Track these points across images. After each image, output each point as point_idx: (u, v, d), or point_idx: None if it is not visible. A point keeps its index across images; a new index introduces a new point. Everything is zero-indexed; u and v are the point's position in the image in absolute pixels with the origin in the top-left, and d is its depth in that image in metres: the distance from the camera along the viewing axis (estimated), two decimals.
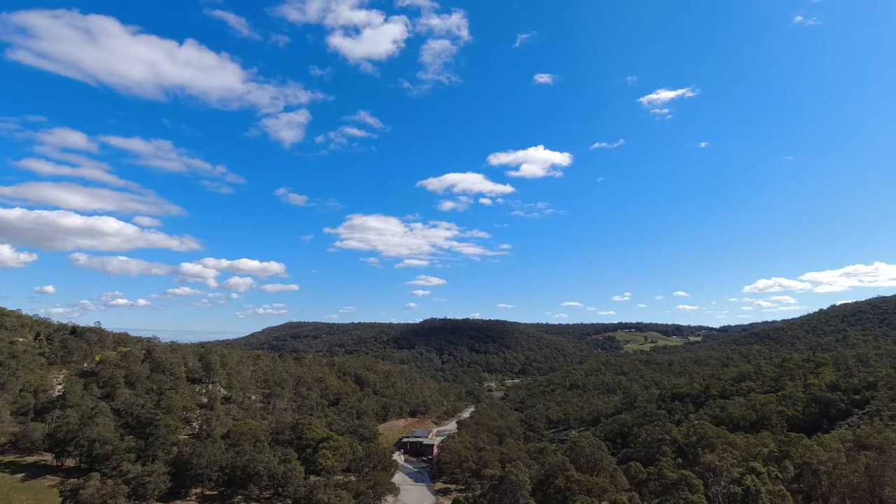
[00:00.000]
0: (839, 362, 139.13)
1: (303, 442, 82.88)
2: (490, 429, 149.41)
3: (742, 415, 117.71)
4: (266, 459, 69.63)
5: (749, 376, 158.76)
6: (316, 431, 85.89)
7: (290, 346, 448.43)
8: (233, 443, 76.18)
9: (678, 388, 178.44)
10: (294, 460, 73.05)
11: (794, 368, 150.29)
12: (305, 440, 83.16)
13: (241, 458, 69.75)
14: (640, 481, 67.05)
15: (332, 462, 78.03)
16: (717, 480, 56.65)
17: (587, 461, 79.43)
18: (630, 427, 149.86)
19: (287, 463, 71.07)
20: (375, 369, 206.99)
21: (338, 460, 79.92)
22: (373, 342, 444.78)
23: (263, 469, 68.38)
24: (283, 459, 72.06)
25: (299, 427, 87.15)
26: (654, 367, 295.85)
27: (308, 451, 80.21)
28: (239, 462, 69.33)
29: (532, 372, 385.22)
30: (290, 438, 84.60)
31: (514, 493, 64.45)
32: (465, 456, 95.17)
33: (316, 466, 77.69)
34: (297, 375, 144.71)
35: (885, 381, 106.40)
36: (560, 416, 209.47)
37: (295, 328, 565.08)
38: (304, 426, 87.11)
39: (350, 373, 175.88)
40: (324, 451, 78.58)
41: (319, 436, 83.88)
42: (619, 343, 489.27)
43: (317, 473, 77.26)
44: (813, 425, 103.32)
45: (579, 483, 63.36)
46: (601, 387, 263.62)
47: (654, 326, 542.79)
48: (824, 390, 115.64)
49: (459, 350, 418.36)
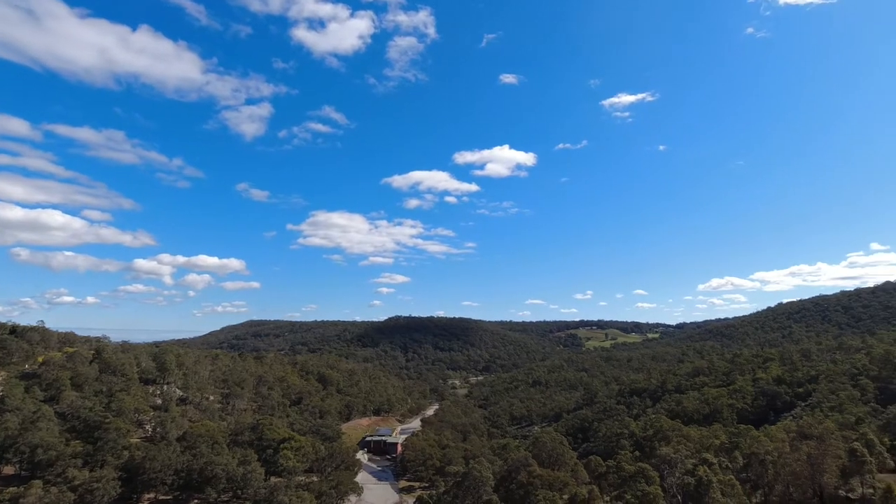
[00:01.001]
0: (785, 357, 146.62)
1: (263, 443, 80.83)
2: (454, 426, 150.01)
3: (696, 408, 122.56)
4: (224, 461, 67.55)
5: (703, 371, 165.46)
6: (277, 432, 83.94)
7: (250, 345, 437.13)
8: (189, 445, 73.54)
9: (636, 384, 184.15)
10: (254, 462, 71.21)
11: (744, 363, 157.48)
12: (266, 441, 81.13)
13: (197, 461, 67.41)
14: (600, 474, 68.71)
15: (293, 463, 76.47)
16: (672, 472, 58.67)
17: (549, 456, 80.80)
18: (591, 422, 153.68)
19: (247, 464, 69.21)
20: (339, 368, 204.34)
21: (300, 461, 78.38)
22: (336, 340, 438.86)
23: (221, 471, 66.32)
24: (242, 461, 70.12)
25: (260, 427, 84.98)
26: (614, 363, 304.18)
27: (269, 451, 78.28)
28: (195, 465, 67.00)
29: (496, 369, 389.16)
30: (250, 439, 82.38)
31: (478, 489, 64.88)
32: (429, 453, 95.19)
33: (277, 467, 75.97)
34: (257, 375, 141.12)
35: (825, 375, 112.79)
36: (523, 413, 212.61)
37: (256, 326, 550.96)
38: (264, 426, 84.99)
39: (313, 372, 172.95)
40: (285, 452, 76.90)
41: (281, 436, 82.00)
42: (580, 340, 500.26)
43: (278, 474, 75.58)
44: (761, 417, 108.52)
45: (541, 478, 64.39)
46: (563, 383, 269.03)
47: (614, 324, 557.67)
48: (771, 384, 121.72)
49: (424, 348, 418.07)
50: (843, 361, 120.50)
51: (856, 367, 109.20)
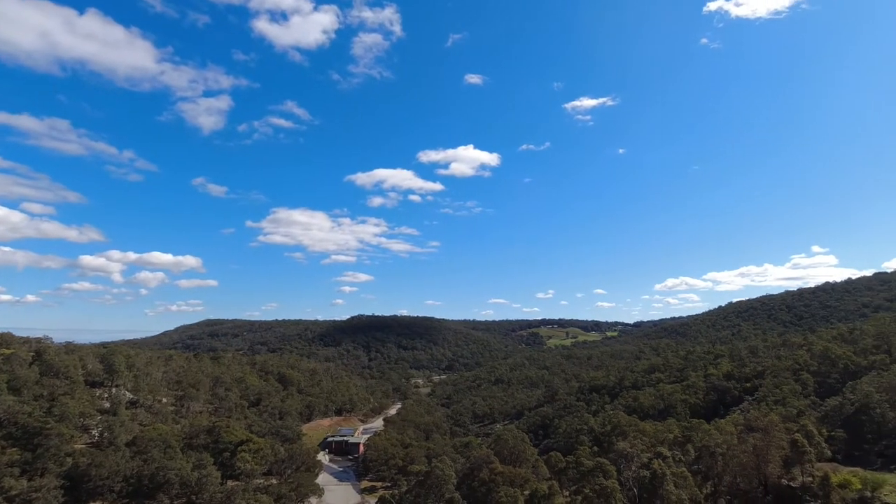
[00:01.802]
0: (734, 354, 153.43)
1: (220, 446, 78.27)
2: (417, 425, 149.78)
3: (651, 404, 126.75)
4: (178, 466, 64.94)
5: (658, 368, 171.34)
6: (234, 434, 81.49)
7: (206, 345, 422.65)
8: (139, 450, 70.39)
9: (596, 381, 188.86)
10: (210, 465, 68.75)
11: (696, 360, 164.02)
12: (223, 444, 78.60)
13: (148, 466, 64.57)
14: (560, 470, 70.08)
15: (251, 465, 74.39)
16: (628, 466, 60.43)
17: (511, 453, 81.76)
18: (551, 419, 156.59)
19: (202, 469, 66.74)
20: (300, 368, 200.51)
21: (258, 463, 76.32)
22: (298, 340, 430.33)
23: (175, 476, 63.71)
24: (197, 465, 67.59)
25: (216, 430, 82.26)
26: (574, 361, 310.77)
27: (226, 454, 75.87)
28: (146, 470, 64.14)
29: (459, 368, 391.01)
30: (206, 443, 79.59)
31: (440, 488, 64.94)
32: (392, 453, 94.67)
33: (234, 471, 73.70)
34: (214, 376, 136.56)
35: (770, 370, 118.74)
36: (486, 411, 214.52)
37: (213, 326, 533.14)
38: (221, 429, 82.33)
39: (273, 372, 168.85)
40: (243, 455, 74.70)
41: (238, 438, 79.63)
42: (542, 339, 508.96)
43: (235, 478, 73.36)
44: (711, 411, 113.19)
45: (502, 475, 65.10)
46: (525, 381, 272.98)
47: (575, 322, 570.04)
48: (721, 379, 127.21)
49: (387, 347, 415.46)
50: (786, 357, 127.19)
51: (798, 363, 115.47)
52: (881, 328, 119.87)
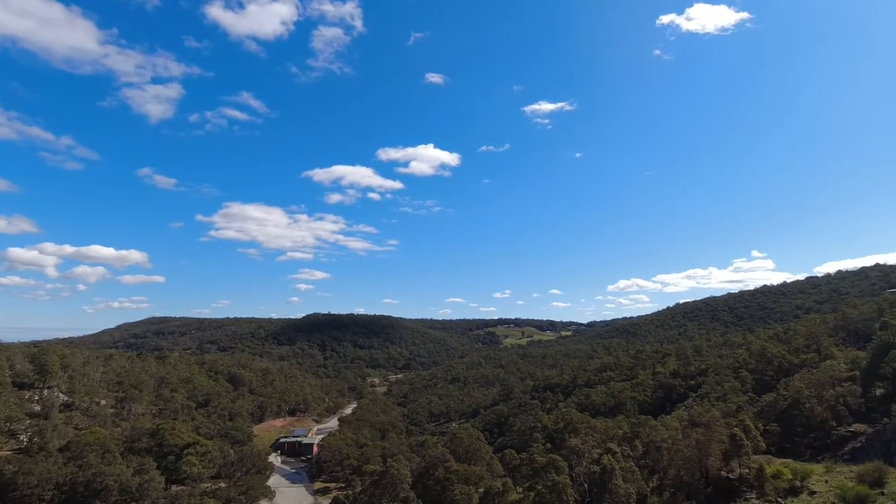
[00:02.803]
0: (680, 353, 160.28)
1: (164, 449, 74.82)
2: (373, 424, 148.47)
3: (603, 401, 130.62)
4: (117, 472, 61.59)
5: (610, 367, 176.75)
6: (180, 437, 78.10)
7: (151, 344, 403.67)
8: (74, 455, 66.29)
9: (550, 380, 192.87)
10: (152, 470, 65.57)
11: (645, 359, 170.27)
12: (167, 447, 75.18)
13: (84, 473, 60.89)
14: (514, 467, 71.09)
15: (198, 469, 71.50)
16: (579, 461, 61.97)
17: (466, 451, 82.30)
18: (506, 417, 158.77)
19: (143, 473, 63.57)
20: (252, 367, 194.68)
21: (205, 466, 73.46)
22: (250, 338, 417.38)
23: (113, 482, 60.37)
24: (138, 470, 64.33)
25: (160, 433, 78.57)
26: (529, 360, 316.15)
27: (170, 458, 72.61)
28: (81, 477, 60.47)
29: (416, 366, 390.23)
30: (149, 446, 75.93)
31: (395, 487, 64.54)
32: (347, 453, 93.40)
33: (180, 475, 70.61)
34: (159, 376, 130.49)
35: (713, 368, 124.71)
36: (442, 410, 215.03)
37: (158, 324, 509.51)
38: (165, 431, 78.70)
39: (223, 371, 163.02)
40: (189, 458, 71.66)
41: (184, 441, 76.37)
42: (498, 338, 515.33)
43: (181, 483, 70.33)
44: (658, 408, 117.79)
45: (457, 473, 65.40)
46: (481, 380, 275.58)
47: (530, 322, 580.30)
48: (668, 377, 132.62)
49: (343, 345, 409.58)
50: (727, 356, 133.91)
51: (738, 361, 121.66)
52: (811, 328, 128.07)
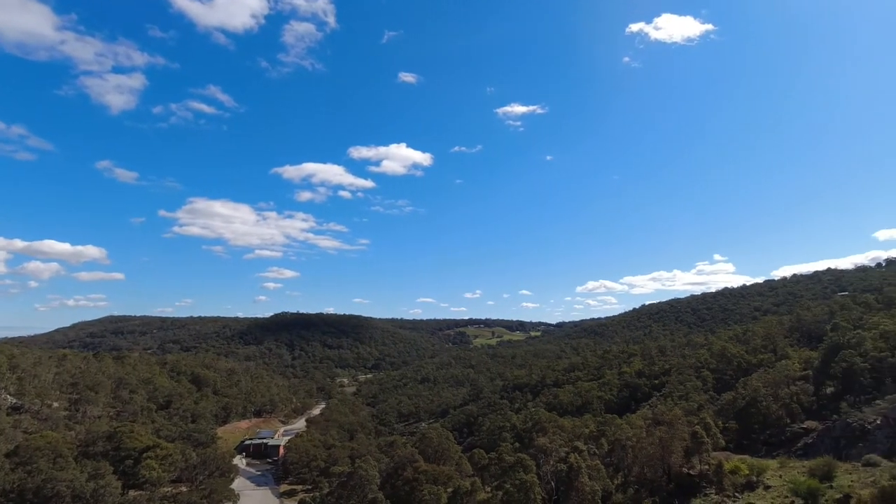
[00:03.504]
0: (645, 353, 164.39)
1: (122, 453, 71.88)
2: (341, 425, 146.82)
3: (570, 401, 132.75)
4: (69, 477, 58.81)
5: (577, 367, 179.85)
6: (139, 440, 75.24)
7: (109, 344, 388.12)
8: (22, 461, 62.91)
9: (519, 379, 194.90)
10: (108, 475, 62.88)
11: (612, 359, 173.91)
12: (125, 450, 72.27)
13: (33, 479, 57.88)
14: (483, 466, 71.35)
15: (158, 473, 69.02)
16: (547, 460, 62.69)
17: (435, 451, 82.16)
18: (476, 417, 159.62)
19: (99, 478, 60.91)
20: (217, 367, 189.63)
21: (166, 470, 70.96)
22: (215, 338, 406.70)
23: (66, 488, 57.65)
24: (93, 475, 61.59)
25: (118, 436, 75.51)
26: (499, 360, 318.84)
27: (128, 462, 69.79)
28: (30, 483, 57.47)
29: (386, 367, 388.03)
30: (105, 450, 72.82)
31: (363, 488, 63.88)
32: (314, 454, 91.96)
33: (138, 479, 67.99)
34: (117, 377, 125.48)
35: (676, 368, 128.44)
36: (411, 410, 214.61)
37: (117, 323, 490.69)
38: (123, 434, 75.70)
39: (185, 372, 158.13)
40: (148, 462, 69.11)
41: (143, 444, 73.60)
42: (469, 338, 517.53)
43: (139, 487, 67.72)
44: (624, 407, 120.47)
45: (426, 473, 65.17)
46: (451, 380, 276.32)
47: (500, 322, 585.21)
48: (634, 377, 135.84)
49: (312, 345, 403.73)
50: (690, 356, 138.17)
51: (699, 361, 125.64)
52: (768, 330, 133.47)
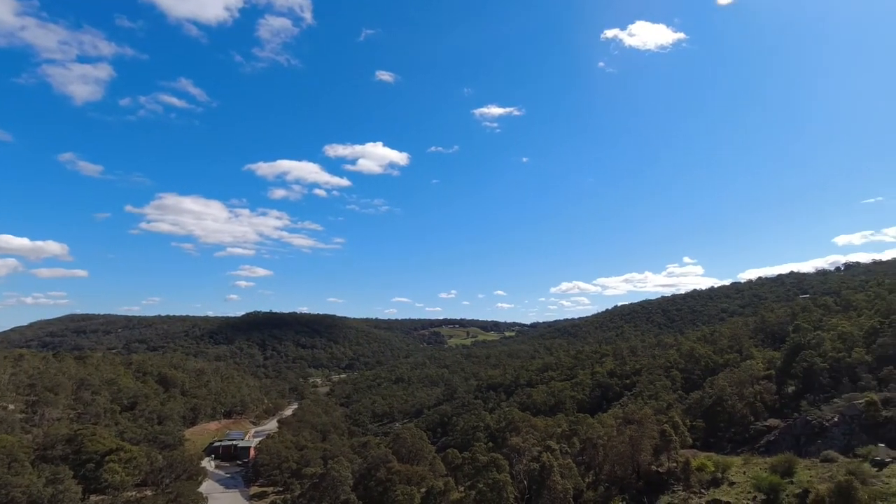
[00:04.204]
0: (617, 353, 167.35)
1: (82, 456, 69.36)
2: (314, 426, 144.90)
3: (544, 401, 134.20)
4: (26, 482, 56.47)
5: (551, 367, 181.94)
6: (101, 442, 72.71)
7: (70, 343, 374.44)
8: None
9: (493, 379, 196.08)
10: (68, 479, 60.63)
11: (585, 359, 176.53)
12: (87, 454, 69.74)
13: None
14: (456, 466, 71.48)
15: (121, 477, 66.87)
16: (520, 459, 63.22)
17: (409, 452, 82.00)
18: (450, 417, 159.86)
19: (57, 483, 58.67)
20: (185, 367, 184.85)
21: (129, 474, 68.82)
22: (184, 337, 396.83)
23: (21, 494, 55.31)
24: (51, 480, 59.30)
25: (78, 439, 72.80)
26: (473, 360, 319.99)
27: (89, 466, 67.42)
28: None
29: (360, 366, 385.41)
30: (65, 454, 70.13)
31: (336, 490, 63.25)
32: (286, 456, 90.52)
33: (100, 483, 65.75)
34: (78, 378, 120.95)
35: (646, 368, 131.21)
36: (385, 410, 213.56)
37: (80, 321, 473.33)
38: (84, 437, 73.02)
39: (152, 372, 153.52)
40: (111, 465, 66.87)
41: (106, 447, 71.16)
42: (443, 338, 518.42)
43: (101, 492, 65.54)
44: (596, 406, 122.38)
45: (399, 473, 65.02)
46: (425, 380, 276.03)
47: (475, 322, 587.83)
48: (605, 377, 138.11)
49: (285, 345, 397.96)
50: (660, 356, 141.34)
51: (669, 361, 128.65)
52: (734, 330, 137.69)
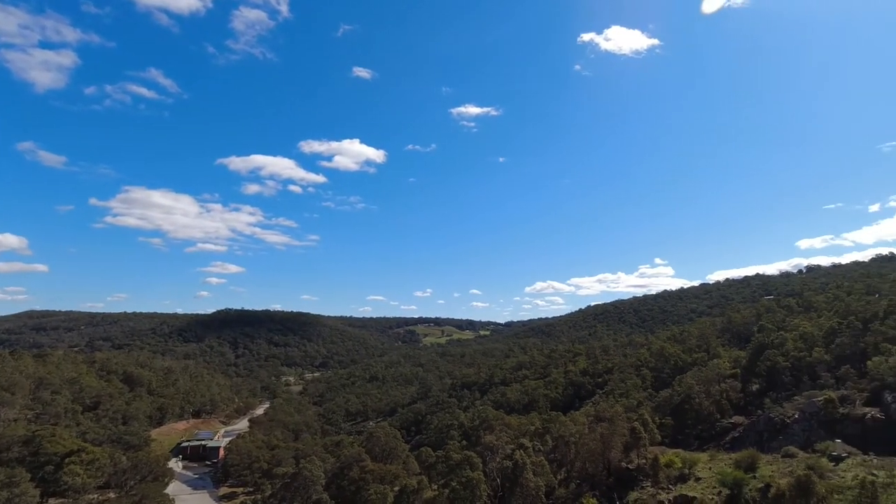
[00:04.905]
0: (590, 352, 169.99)
1: (41, 458, 66.71)
2: (286, 425, 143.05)
3: (517, 399, 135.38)
4: None
5: (525, 365, 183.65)
6: (61, 444, 70.07)
7: (29, 341, 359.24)
8: None
9: (468, 378, 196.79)
10: (25, 482, 58.20)
11: (558, 358, 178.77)
12: (45, 456, 67.11)
13: None
14: (430, 464, 71.38)
15: (83, 479, 64.52)
16: (493, 457, 63.52)
17: (382, 450, 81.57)
18: (424, 415, 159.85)
19: (13, 487, 56.27)
20: (152, 366, 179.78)
21: (91, 476, 66.46)
22: (151, 335, 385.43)
23: None
24: (6, 483, 56.83)
25: (36, 440, 70.00)
26: (448, 358, 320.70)
27: (48, 468, 64.89)
28: None
29: (334, 365, 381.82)
30: (21, 456, 67.32)
31: (307, 489, 62.47)
32: (256, 455, 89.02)
33: (60, 486, 63.34)
34: (37, 377, 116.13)
35: (618, 367, 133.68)
36: (359, 408, 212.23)
37: (39, 318, 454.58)
38: (43, 439, 70.25)
39: (117, 371, 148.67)
40: (71, 467, 64.47)
41: (66, 448, 68.62)
42: (418, 336, 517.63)
43: (60, 495, 63.16)
44: (568, 404, 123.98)
45: (373, 472, 64.59)
46: (400, 378, 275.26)
47: (450, 321, 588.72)
48: (578, 375, 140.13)
49: (257, 343, 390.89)
50: (631, 355, 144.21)
51: (639, 360, 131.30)
52: (703, 330, 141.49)
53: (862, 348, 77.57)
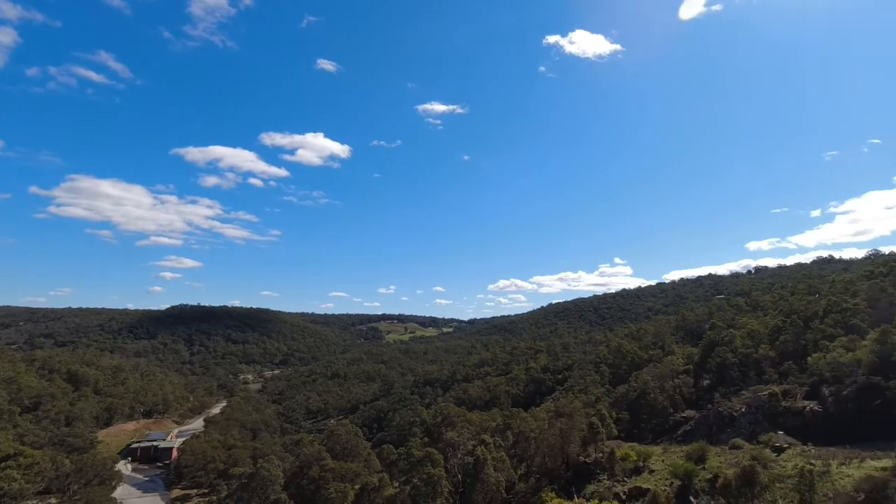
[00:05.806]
0: (550, 349, 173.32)
1: None
2: (243, 424, 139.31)
3: (479, 395, 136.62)
4: None
5: (487, 362, 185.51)
6: None
7: None
8: None
9: (430, 375, 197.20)
10: None
11: (520, 355, 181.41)
12: None
13: None
14: (392, 462, 71.15)
15: (20, 484, 60.83)
16: (455, 454, 63.85)
17: (343, 448, 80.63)
18: (386, 412, 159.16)
19: None
20: (99, 364, 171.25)
21: (30, 481, 62.80)
22: (99, 332, 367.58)
23: None
24: None
25: None
26: (411, 355, 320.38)
27: None
28: None
29: (294, 362, 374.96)
30: None
31: (266, 489, 61.08)
32: (212, 456, 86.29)
33: None
34: None
35: (578, 363, 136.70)
36: (320, 406, 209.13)
37: None
38: None
39: (60, 370, 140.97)
40: (8, 472, 60.71)
41: (2, 452, 64.62)
42: (381, 333, 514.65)
43: None
44: (529, 401, 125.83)
45: (333, 471, 63.80)
46: (362, 375, 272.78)
47: (413, 318, 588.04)
48: (539, 372, 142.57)
49: (214, 340, 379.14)
50: (590, 352, 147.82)
51: (598, 357, 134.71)
52: (658, 328, 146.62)
53: (803, 345, 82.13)
